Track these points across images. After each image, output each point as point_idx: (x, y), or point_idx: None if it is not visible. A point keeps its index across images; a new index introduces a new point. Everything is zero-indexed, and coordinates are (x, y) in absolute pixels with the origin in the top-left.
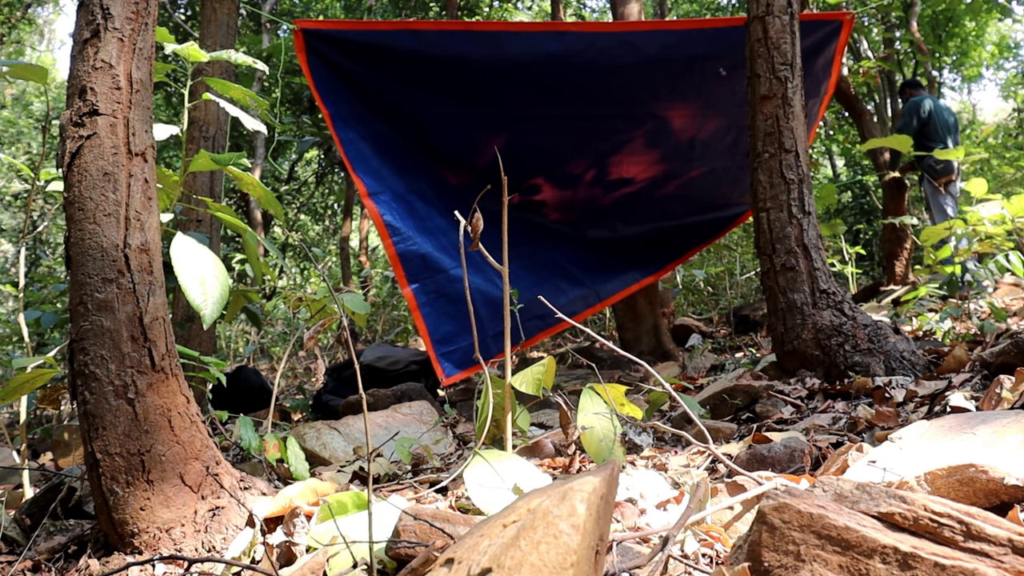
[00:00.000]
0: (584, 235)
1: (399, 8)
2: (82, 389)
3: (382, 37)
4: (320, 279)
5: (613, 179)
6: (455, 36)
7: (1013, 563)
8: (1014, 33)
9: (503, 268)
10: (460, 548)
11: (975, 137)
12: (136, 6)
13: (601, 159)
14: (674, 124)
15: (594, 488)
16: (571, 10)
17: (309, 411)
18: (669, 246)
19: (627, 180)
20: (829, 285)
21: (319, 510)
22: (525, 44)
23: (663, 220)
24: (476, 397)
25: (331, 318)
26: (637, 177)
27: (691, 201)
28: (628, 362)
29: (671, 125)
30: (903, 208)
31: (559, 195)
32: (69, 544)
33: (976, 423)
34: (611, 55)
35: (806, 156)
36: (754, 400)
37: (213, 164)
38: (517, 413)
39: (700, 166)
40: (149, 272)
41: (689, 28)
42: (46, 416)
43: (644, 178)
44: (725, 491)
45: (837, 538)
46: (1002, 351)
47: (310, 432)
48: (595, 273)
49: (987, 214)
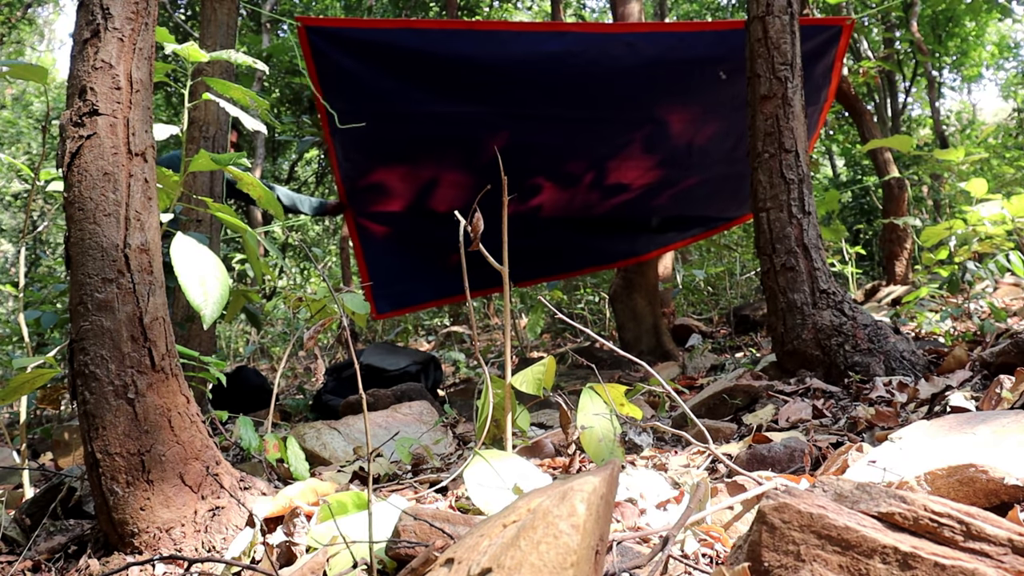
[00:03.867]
0: (573, 234)
1: (399, 7)
2: (82, 389)
3: (384, 35)
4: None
5: (611, 184)
6: (457, 35)
7: (1013, 563)
8: (1014, 33)
9: (503, 268)
10: (460, 548)
11: (975, 137)
12: (136, 6)
13: (600, 162)
14: (672, 128)
15: (594, 488)
16: (571, 10)
17: (309, 411)
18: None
19: (624, 186)
20: (829, 285)
21: (319, 510)
22: (526, 44)
23: (656, 228)
24: (476, 397)
25: (331, 318)
26: (634, 183)
27: (685, 212)
28: (628, 362)
29: (669, 129)
30: (903, 208)
31: (558, 196)
32: (69, 544)
33: (976, 423)
34: (612, 56)
35: (806, 156)
36: (754, 400)
37: (213, 164)
38: (517, 413)
39: (696, 174)
40: (149, 272)
41: (689, 31)
42: (46, 416)
43: (640, 185)
44: (725, 491)
45: (837, 538)
46: (1002, 351)
47: (310, 432)
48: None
49: (987, 214)
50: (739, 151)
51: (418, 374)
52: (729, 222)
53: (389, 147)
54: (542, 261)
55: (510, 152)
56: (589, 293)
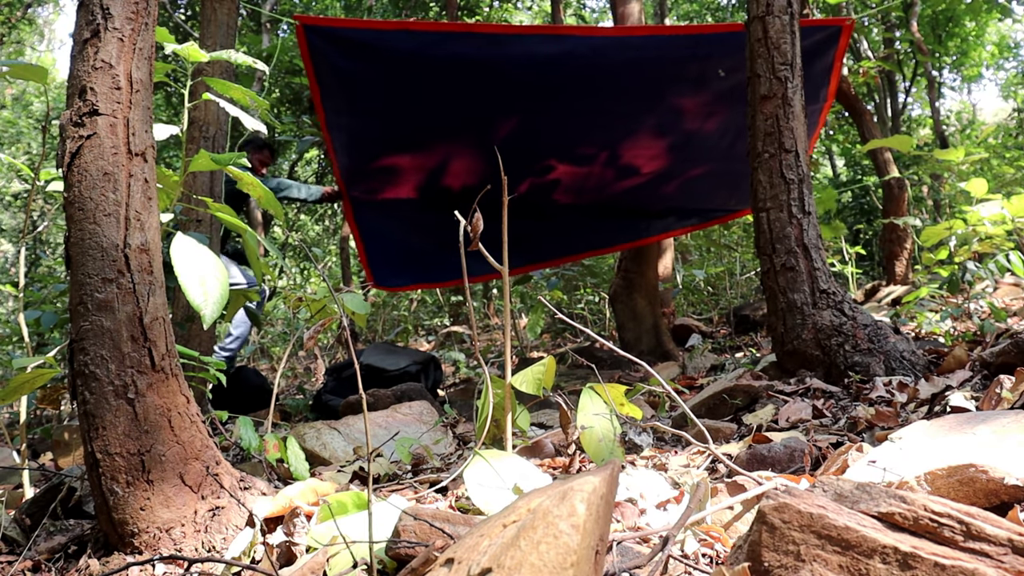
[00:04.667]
0: (589, 217)
1: (399, 7)
2: (82, 389)
3: (383, 36)
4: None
5: (624, 164)
6: (455, 38)
7: (1013, 563)
8: (1014, 33)
9: (503, 268)
10: (460, 548)
11: (975, 137)
12: (136, 6)
13: (612, 144)
14: (684, 111)
15: (594, 488)
16: (571, 10)
17: (309, 411)
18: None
19: (636, 168)
20: (829, 285)
21: (319, 510)
22: (525, 47)
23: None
24: (476, 397)
25: (331, 318)
26: (644, 168)
27: (687, 204)
28: (628, 362)
29: (681, 113)
30: (903, 208)
31: (575, 172)
32: (69, 544)
33: (976, 423)
34: (611, 59)
35: (806, 156)
36: (754, 400)
37: (213, 164)
38: (517, 413)
39: (702, 164)
40: (149, 272)
41: (689, 33)
42: (46, 416)
43: (650, 170)
44: (725, 491)
45: (837, 538)
46: (1002, 351)
47: (310, 432)
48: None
49: (987, 214)
50: (737, 148)
51: (418, 374)
52: (726, 215)
53: (386, 146)
54: (545, 244)
55: (512, 145)
56: (589, 293)
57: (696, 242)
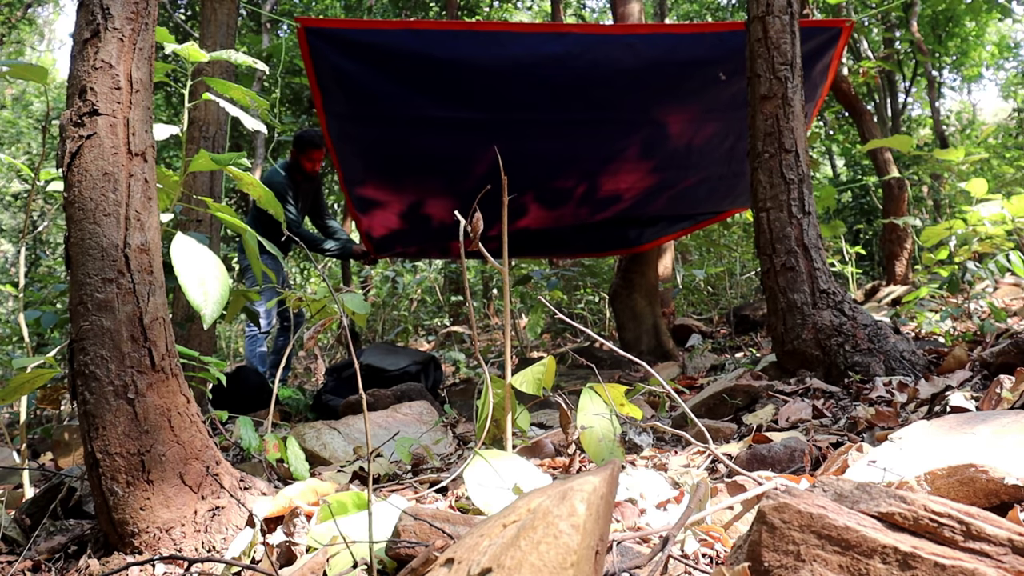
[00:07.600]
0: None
1: (399, 7)
2: (82, 389)
3: (383, 37)
4: (320, 279)
5: (603, 196)
6: (456, 36)
7: (1013, 563)
8: (1014, 33)
9: (503, 268)
10: (460, 548)
11: (975, 137)
12: (136, 6)
13: (592, 175)
14: (671, 130)
15: (594, 488)
16: (571, 10)
17: (309, 411)
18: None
19: (617, 196)
20: (829, 285)
21: (319, 510)
22: (526, 45)
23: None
24: (476, 397)
25: (331, 318)
26: (627, 193)
27: (679, 211)
28: (628, 362)
29: (668, 131)
30: (903, 208)
31: (544, 216)
32: (69, 544)
33: (976, 423)
34: (612, 58)
35: (806, 156)
36: (754, 400)
37: (213, 164)
38: (517, 413)
39: (695, 174)
40: (149, 272)
41: (690, 32)
42: (46, 416)
43: (634, 193)
44: (725, 491)
45: (837, 538)
46: (1002, 351)
47: (310, 432)
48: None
49: (987, 214)
50: (737, 151)
51: (418, 374)
52: (717, 215)
53: (386, 148)
54: (534, 247)
55: (500, 167)
56: (589, 293)
57: (696, 242)
